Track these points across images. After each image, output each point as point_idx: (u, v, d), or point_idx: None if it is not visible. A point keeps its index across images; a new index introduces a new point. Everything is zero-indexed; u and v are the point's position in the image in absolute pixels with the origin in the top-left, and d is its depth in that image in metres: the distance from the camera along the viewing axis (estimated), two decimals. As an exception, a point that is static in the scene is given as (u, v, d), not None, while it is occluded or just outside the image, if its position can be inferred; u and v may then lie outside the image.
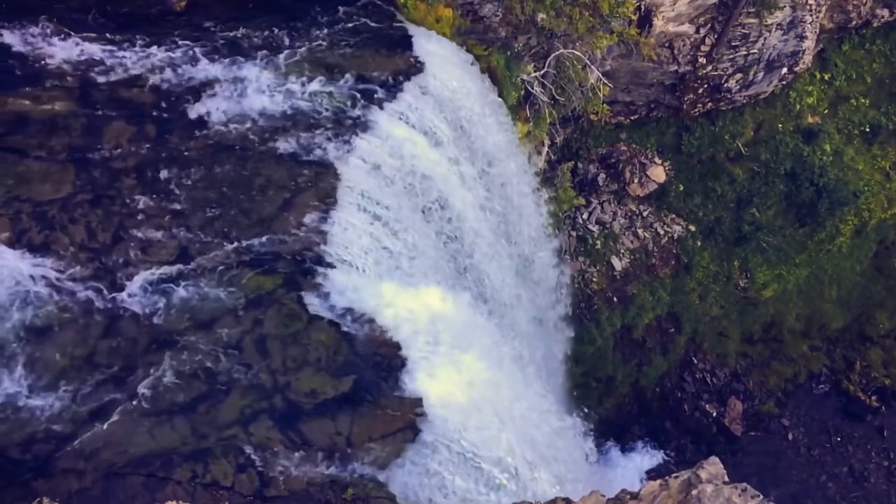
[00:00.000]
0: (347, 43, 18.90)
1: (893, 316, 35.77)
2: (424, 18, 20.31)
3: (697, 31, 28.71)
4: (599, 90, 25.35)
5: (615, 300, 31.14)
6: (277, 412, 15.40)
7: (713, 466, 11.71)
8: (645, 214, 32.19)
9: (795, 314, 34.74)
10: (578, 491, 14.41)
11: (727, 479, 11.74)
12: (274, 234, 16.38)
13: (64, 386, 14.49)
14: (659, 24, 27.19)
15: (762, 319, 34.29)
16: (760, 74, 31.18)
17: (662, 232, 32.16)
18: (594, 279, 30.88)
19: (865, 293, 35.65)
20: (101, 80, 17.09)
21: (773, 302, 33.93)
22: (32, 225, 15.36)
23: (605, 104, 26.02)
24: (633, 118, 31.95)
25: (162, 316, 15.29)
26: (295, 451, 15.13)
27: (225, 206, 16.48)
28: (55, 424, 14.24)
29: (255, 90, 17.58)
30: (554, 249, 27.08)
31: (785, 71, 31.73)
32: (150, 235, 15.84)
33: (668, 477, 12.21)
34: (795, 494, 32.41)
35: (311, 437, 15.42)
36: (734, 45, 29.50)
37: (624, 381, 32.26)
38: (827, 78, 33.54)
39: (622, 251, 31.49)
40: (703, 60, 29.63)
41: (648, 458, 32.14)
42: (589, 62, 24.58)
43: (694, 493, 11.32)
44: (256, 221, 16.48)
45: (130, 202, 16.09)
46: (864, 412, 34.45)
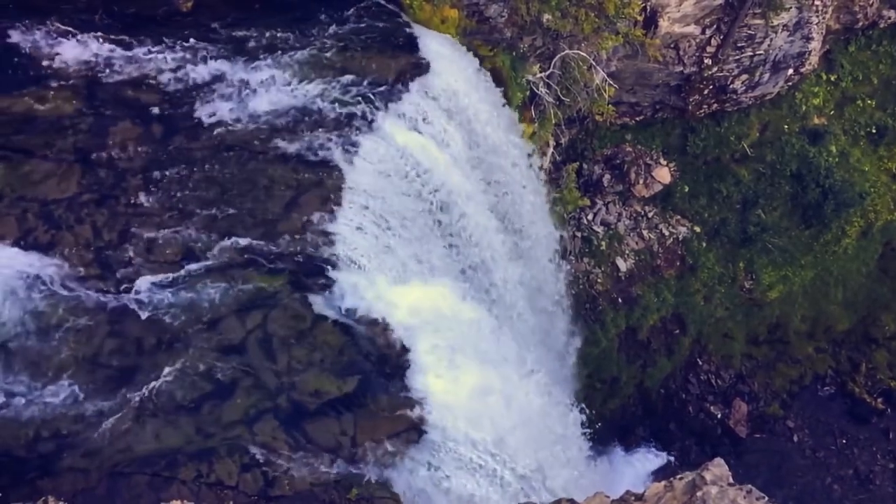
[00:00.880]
0: (353, 44, 18.91)
1: (900, 317, 35.68)
2: (430, 19, 20.32)
3: (703, 31, 28.66)
4: (605, 91, 25.33)
5: (620, 301, 31.09)
6: (282, 412, 15.43)
7: (718, 468, 11.70)
8: (650, 215, 32.15)
9: (801, 316, 34.64)
10: (583, 491, 14.40)
11: (732, 480, 11.73)
12: (279, 234, 16.41)
13: (69, 385, 14.54)
14: (664, 24, 27.14)
15: (767, 321, 34.20)
16: (766, 75, 31.11)
17: (667, 233, 32.10)
18: (599, 280, 30.85)
19: (871, 295, 35.52)
20: (107, 80, 17.14)
21: (778, 303, 33.83)
22: (39, 224, 15.42)
23: (610, 105, 25.99)
24: (638, 119, 31.91)
25: (167, 316, 15.32)
26: (299, 451, 15.16)
27: (230, 206, 16.51)
28: (60, 423, 14.29)
29: (260, 90, 17.61)
30: (557, 250, 27.05)
31: (791, 72, 31.65)
32: (155, 235, 15.88)
33: (672, 478, 12.21)
34: (800, 496, 32.30)
35: (315, 437, 15.45)
36: (740, 46, 29.44)
37: (628, 382, 32.21)
38: (833, 79, 33.44)
39: (627, 252, 31.44)
40: (708, 61, 29.57)
41: (653, 459, 32.07)
42: (594, 63, 24.56)
43: (699, 494, 11.31)
44: (261, 221, 16.51)
45: (136, 202, 16.13)
46: (869, 414, 34.33)
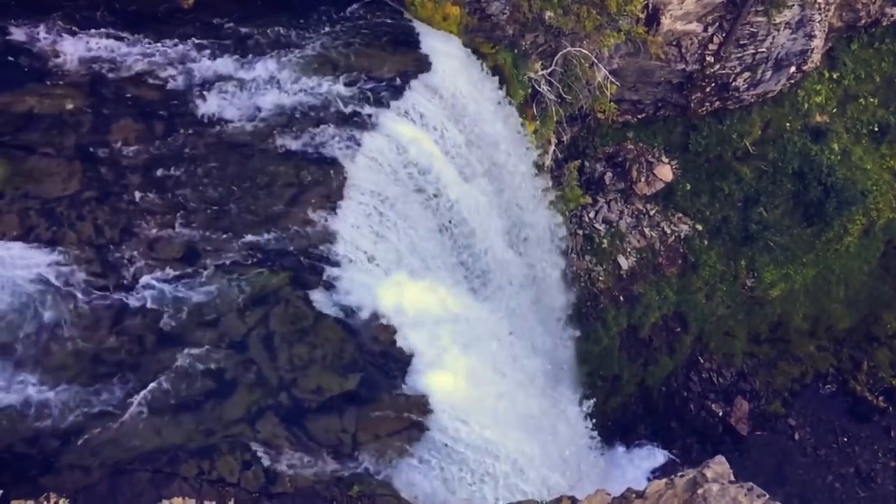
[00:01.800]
0: (355, 41, 18.91)
1: (901, 316, 35.63)
2: (432, 16, 20.31)
3: (705, 29, 28.62)
4: (606, 88, 25.29)
5: (621, 299, 31.08)
6: (283, 409, 15.44)
7: (719, 466, 11.70)
8: (652, 213, 32.12)
9: (802, 314, 34.61)
10: (584, 489, 14.40)
11: (733, 478, 11.73)
12: (281, 231, 16.41)
13: (71, 382, 14.56)
14: (667, 22, 27.11)
15: (769, 319, 34.18)
16: (768, 73, 31.06)
17: (669, 231, 32.08)
18: (600, 278, 30.84)
19: (873, 293, 35.49)
20: (109, 77, 17.17)
21: (779, 302, 33.80)
22: (41, 222, 15.43)
23: (612, 103, 25.96)
24: (640, 117, 31.87)
25: (168, 313, 15.34)
26: (301, 448, 15.17)
27: (232, 203, 16.52)
28: (62, 420, 14.30)
29: (262, 88, 17.63)
30: (560, 249, 27.04)
31: (793, 70, 31.60)
32: (157, 233, 15.89)
33: (673, 476, 12.22)
34: (802, 494, 32.29)
35: (316, 434, 15.46)
36: (742, 43, 29.39)
37: (630, 380, 32.21)
38: (835, 77, 33.39)
39: (629, 250, 31.42)
40: (710, 59, 29.53)
41: (654, 457, 32.08)
42: (596, 60, 24.53)
43: (700, 491, 11.31)
44: (263, 219, 16.51)
45: (138, 199, 16.14)
46: (871, 412, 34.31)
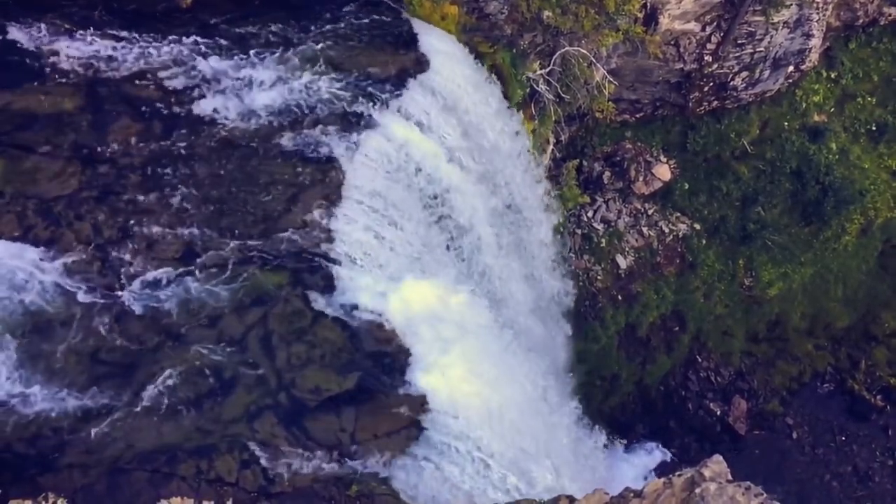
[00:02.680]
0: (353, 40, 18.89)
1: (899, 315, 35.66)
2: (430, 16, 20.31)
3: (703, 28, 28.63)
4: (605, 88, 25.30)
5: (620, 299, 31.10)
6: (282, 409, 15.45)
7: (717, 465, 11.71)
8: (650, 213, 32.14)
9: (800, 313, 34.64)
10: (582, 488, 14.41)
11: (731, 477, 11.74)
12: (279, 231, 16.41)
13: (69, 382, 14.56)
14: (665, 21, 27.12)
15: (767, 318, 34.20)
16: (766, 73, 31.09)
17: (667, 230, 32.10)
18: (599, 277, 30.85)
19: (871, 292, 35.52)
20: (107, 77, 17.14)
21: (778, 301, 33.83)
22: (39, 221, 15.42)
23: (610, 102, 25.97)
24: (638, 116, 31.88)
25: (167, 313, 15.34)
26: (299, 447, 15.18)
27: (230, 203, 16.51)
28: (61, 420, 14.30)
29: (260, 87, 17.60)
30: (558, 248, 27.07)
31: (791, 69, 31.62)
32: (155, 232, 15.88)
33: (671, 475, 12.22)
34: (800, 493, 32.33)
35: (315, 433, 15.47)
36: (740, 43, 29.41)
37: (628, 379, 32.23)
38: (833, 76, 33.42)
39: (627, 249, 31.44)
40: (709, 58, 29.54)
41: (652, 456, 32.10)
42: (594, 60, 24.53)
43: (697, 491, 11.32)
44: (262, 218, 16.51)
45: (136, 199, 16.13)
46: (869, 411, 34.33)
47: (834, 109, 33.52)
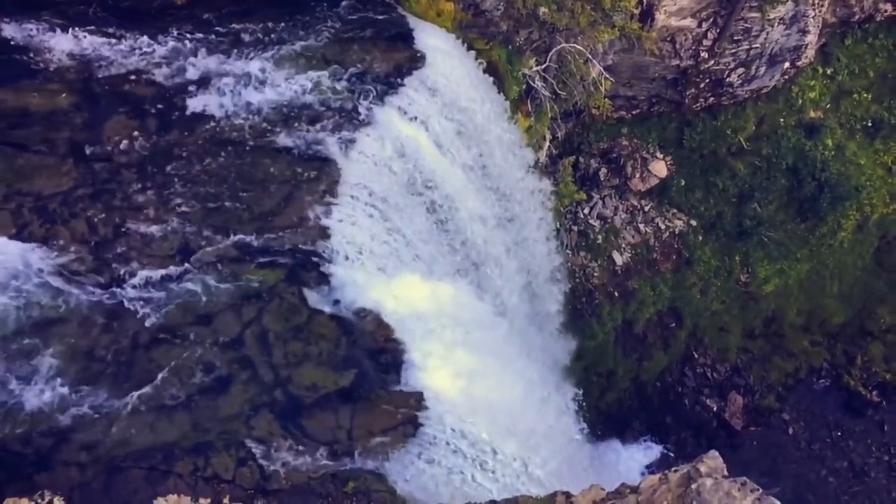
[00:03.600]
0: (349, 37, 18.87)
1: (894, 311, 35.72)
2: (426, 12, 20.29)
3: (699, 25, 28.62)
4: (601, 85, 25.30)
5: (616, 295, 31.14)
6: (278, 406, 15.44)
7: (713, 460, 11.74)
8: (646, 209, 32.16)
9: (796, 309, 34.71)
10: (579, 484, 14.44)
11: (727, 472, 11.77)
12: (275, 228, 16.39)
13: (65, 380, 14.53)
14: (661, 18, 27.12)
15: (763, 314, 34.27)
16: (762, 69, 31.10)
17: (664, 227, 32.13)
18: (595, 274, 30.88)
19: (867, 288, 35.60)
20: (101, 74, 17.09)
21: (774, 297, 33.89)
22: (34, 219, 15.38)
23: (606, 99, 25.97)
24: (634, 113, 31.88)
25: (163, 310, 15.31)
26: (296, 444, 15.17)
27: (226, 200, 16.48)
28: (56, 418, 14.28)
29: (256, 84, 17.57)
30: (554, 241, 27.07)
31: (787, 65, 31.64)
32: (151, 230, 15.85)
33: (667, 471, 12.24)
34: (796, 489, 32.41)
35: (312, 430, 15.47)
36: (736, 39, 29.41)
37: (625, 375, 32.28)
38: (829, 72, 33.44)
39: (623, 246, 31.47)
40: (705, 55, 29.55)
41: (649, 452, 32.16)
42: (590, 56, 24.51)
43: (693, 486, 11.35)
44: (258, 216, 16.48)
45: (131, 196, 16.10)
46: (864, 407, 34.42)
47: (830, 106, 33.54)
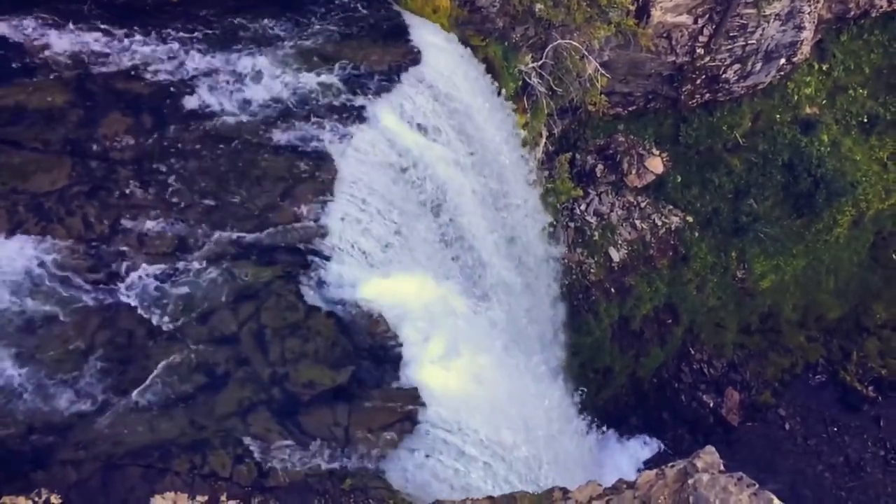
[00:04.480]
0: (345, 33, 18.85)
1: (890, 306, 35.84)
2: (422, 8, 20.27)
3: (695, 21, 28.64)
4: (597, 81, 25.30)
5: (613, 291, 31.17)
6: (275, 403, 15.43)
7: (709, 455, 11.77)
8: (643, 205, 32.19)
9: (793, 305, 34.80)
10: (576, 480, 14.47)
11: (723, 468, 11.80)
12: (272, 225, 16.37)
13: (62, 378, 14.50)
14: (657, 14, 27.12)
15: (759, 310, 34.35)
16: (758, 65, 31.13)
17: (660, 223, 32.17)
18: (592, 270, 30.91)
19: (863, 284, 35.70)
20: (97, 71, 17.04)
21: (770, 293, 33.98)
22: (29, 217, 15.34)
23: (602, 95, 25.97)
24: (630, 109, 31.90)
25: (159, 308, 15.29)
26: (294, 442, 15.17)
27: (222, 197, 16.46)
28: (53, 416, 14.26)
29: (251, 81, 17.55)
30: (550, 241, 27.09)
31: (783, 61, 31.68)
32: (147, 227, 15.82)
33: (664, 466, 12.27)
34: (792, 484, 32.52)
35: (309, 428, 15.47)
36: (732, 35, 29.43)
37: (622, 371, 32.34)
38: (825, 68, 33.48)
39: (620, 242, 31.50)
40: (701, 51, 29.57)
41: (646, 448, 32.25)
42: (587, 53, 24.52)
43: (690, 482, 11.38)
44: (254, 213, 16.47)
45: (128, 194, 16.06)
46: (860, 402, 34.55)
47: (825, 102, 33.60)
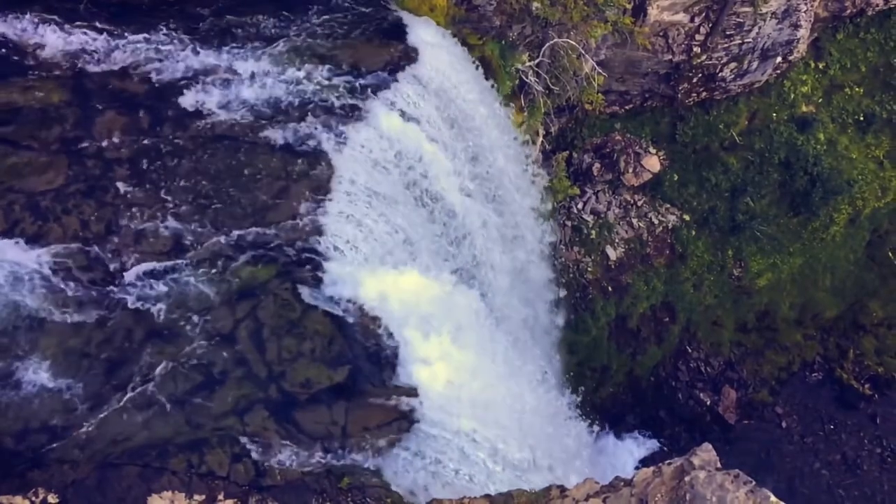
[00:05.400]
0: (341, 32, 18.83)
1: (887, 304, 35.89)
2: (418, 7, 20.26)
3: (692, 19, 28.65)
4: (594, 79, 25.30)
5: (610, 290, 31.19)
6: (273, 402, 15.43)
7: (706, 453, 11.79)
8: (639, 204, 32.21)
9: (789, 303, 34.84)
10: (573, 478, 14.49)
11: (720, 465, 11.82)
12: (268, 224, 16.37)
13: (58, 377, 14.50)
14: (653, 12, 27.13)
15: (756, 308, 34.38)
16: (755, 63, 31.16)
17: (657, 221, 32.19)
18: (589, 269, 30.93)
19: (859, 282, 35.75)
20: (93, 70, 17.03)
21: (767, 291, 34.01)
22: (26, 216, 15.33)
23: (599, 94, 25.97)
24: (627, 108, 31.93)
25: (156, 307, 15.28)
26: (291, 441, 15.17)
27: (219, 196, 16.45)
28: (50, 416, 14.25)
29: (248, 80, 17.54)
30: (547, 239, 27.10)
31: (779, 60, 31.71)
32: (144, 226, 15.81)
33: (661, 464, 12.29)
34: (789, 481, 32.57)
35: (306, 426, 15.47)
36: (729, 34, 29.46)
37: (619, 370, 32.36)
38: (821, 67, 33.52)
39: (617, 241, 31.52)
40: (697, 49, 29.59)
41: (643, 446, 32.29)
42: (583, 51, 24.51)
43: (687, 479, 11.40)
44: (251, 212, 16.46)
45: (124, 193, 16.05)
46: (857, 400, 34.59)
47: (822, 100, 33.64)
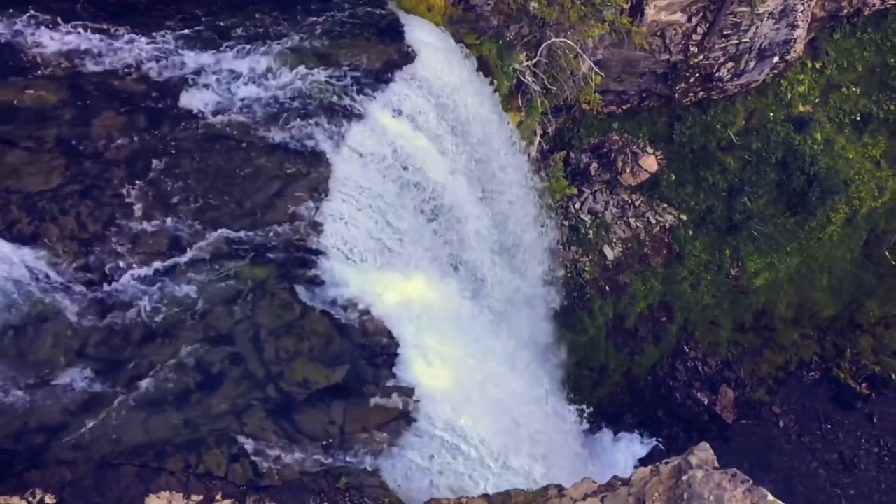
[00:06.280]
0: (339, 32, 18.82)
1: (884, 304, 35.96)
2: (416, 7, 20.26)
3: (689, 19, 28.69)
4: (591, 79, 25.34)
5: (607, 289, 31.22)
6: (270, 402, 15.42)
7: (703, 452, 11.81)
8: (637, 204, 32.25)
9: (787, 302, 34.89)
10: (571, 478, 14.50)
11: (717, 464, 11.84)
12: (266, 224, 16.35)
13: (56, 377, 14.48)
14: (651, 12, 27.16)
15: (753, 308, 34.44)
16: (752, 63, 31.21)
17: (654, 221, 32.23)
18: (586, 269, 30.96)
19: (856, 281, 35.81)
20: (90, 70, 17.00)
21: (764, 290, 34.06)
22: (22, 216, 15.30)
23: (597, 93, 26.00)
24: (625, 108, 31.96)
25: (154, 307, 15.26)
26: (288, 440, 15.16)
27: (216, 196, 16.43)
28: (48, 416, 14.23)
29: (245, 79, 17.51)
30: (545, 239, 27.12)
31: (776, 60, 31.76)
32: (141, 226, 15.79)
33: (658, 463, 12.31)
34: (786, 480, 32.63)
35: (304, 427, 15.46)
36: (726, 34, 29.50)
37: (616, 369, 32.39)
38: (818, 67, 33.58)
39: (614, 240, 31.55)
40: (694, 49, 29.62)
41: (641, 445, 32.32)
42: (581, 51, 24.54)
43: (684, 478, 11.42)
44: (248, 212, 16.44)
45: (121, 193, 16.03)
46: (854, 399, 34.65)
47: (819, 100, 33.70)
